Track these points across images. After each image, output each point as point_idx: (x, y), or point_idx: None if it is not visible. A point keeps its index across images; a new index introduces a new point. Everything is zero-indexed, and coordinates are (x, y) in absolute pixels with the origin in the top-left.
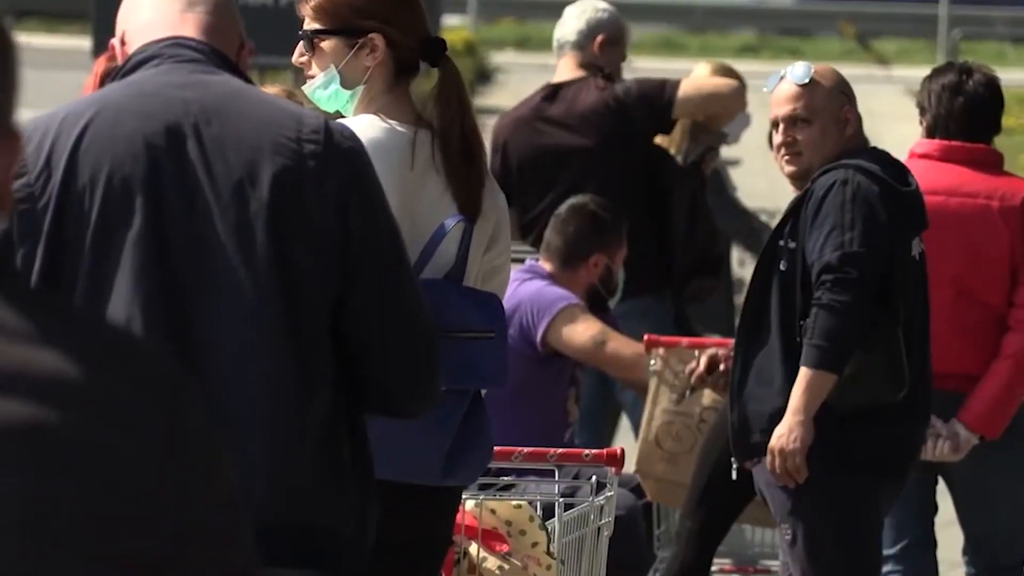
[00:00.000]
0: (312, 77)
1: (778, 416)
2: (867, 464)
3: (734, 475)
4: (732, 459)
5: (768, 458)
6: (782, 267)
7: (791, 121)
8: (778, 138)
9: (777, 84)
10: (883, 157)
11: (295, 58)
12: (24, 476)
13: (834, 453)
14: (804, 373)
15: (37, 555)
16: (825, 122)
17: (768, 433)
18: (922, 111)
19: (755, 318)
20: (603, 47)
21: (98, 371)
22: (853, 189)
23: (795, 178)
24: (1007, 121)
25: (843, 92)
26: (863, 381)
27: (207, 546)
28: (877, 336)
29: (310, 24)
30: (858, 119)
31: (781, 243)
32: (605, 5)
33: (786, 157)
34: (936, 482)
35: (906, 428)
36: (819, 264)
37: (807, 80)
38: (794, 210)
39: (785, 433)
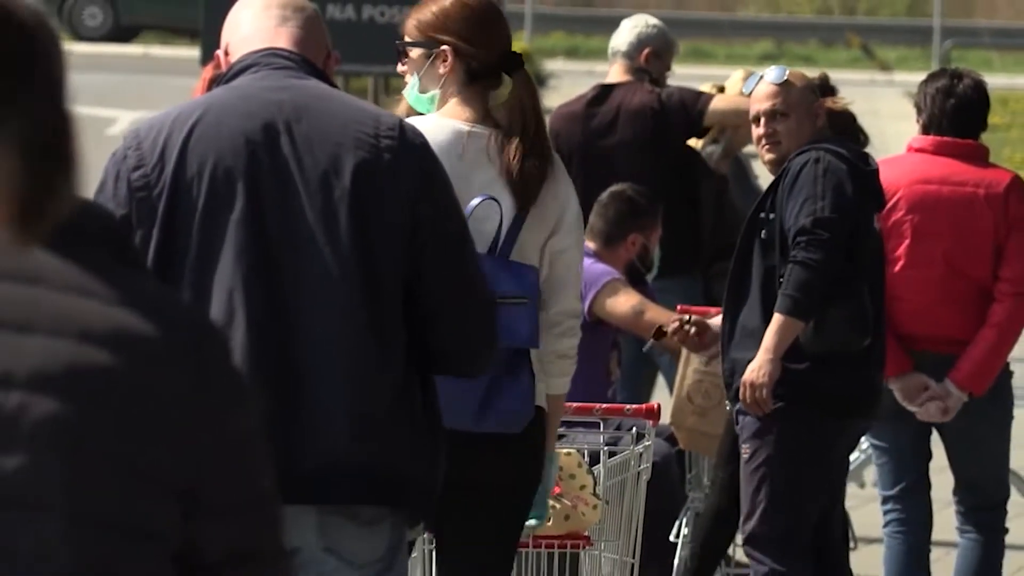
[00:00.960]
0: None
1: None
2: (830, 403)
3: None
4: None
5: (741, 390)
6: (763, 236)
7: (771, 115)
8: (759, 131)
9: (756, 85)
10: (847, 143)
11: (399, 67)
12: (68, 406)
13: (802, 391)
14: (777, 319)
15: (76, 472)
16: (800, 115)
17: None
18: (918, 111)
19: (739, 281)
20: (649, 58)
21: (146, 325)
22: (824, 165)
23: (774, 164)
24: (992, 119)
25: (812, 90)
26: (832, 329)
27: (228, 470)
28: (845, 290)
29: (404, 39)
30: (826, 113)
31: (762, 215)
32: (656, 21)
33: (767, 146)
34: (930, 433)
35: (866, 373)
36: (794, 228)
37: (783, 80)
38: (772, 187)
39: (756, 369)
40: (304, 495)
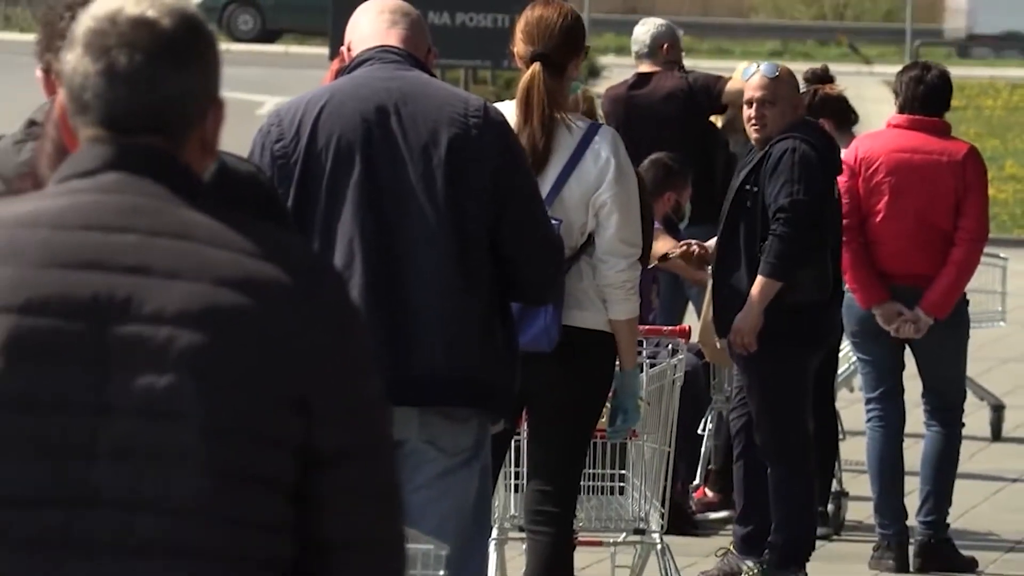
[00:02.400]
0: None
1: (741, 307)
2: (801, 340)
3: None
4: None
5: (731, 335)
6: (748, 205)
7: (760, 102)
8: (750, 112)
9: (752, 75)
10: (817, 129)
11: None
12: (205, 338)
13: (780, 332)
14: (760, 280)
15: (210, 390)
16: (784, 105)
17: (734, 317)
18: (896, 95)
19: (728, 239)
20: (668, 51)
21: (273, 271)
22: (800, 153)
23: (759, 142)
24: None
25: (796, 85)
26: (802, 287)
27: (341, 386)
28: (812, 256)
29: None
30: (804, 104)
31: (747, 188)
32: (661, 20)
33: (755, 127)
34: (904, 348)
35: (826, 317)
36: (775, 206)
37: (774, 75)
38: (756, 165)
39: (742, 318)
40: (409, 399)
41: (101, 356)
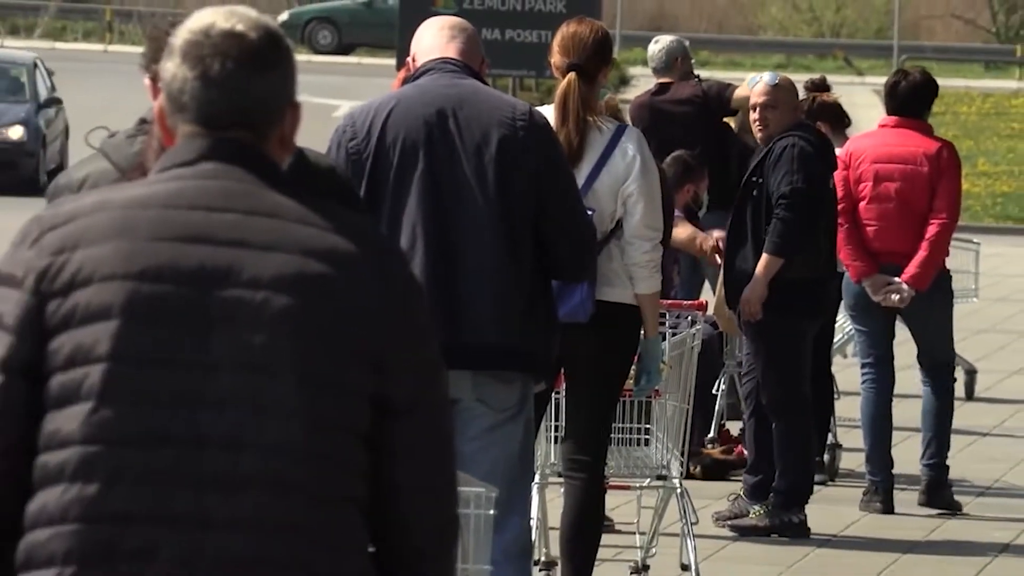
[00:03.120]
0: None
1: (748, 282)
2: (800, 310)
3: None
4: None
5: (740, 305)
6: (754, 194)
7: (764, 107)
8: (754, 116)
9: (757, 83)
10: (814, 131)
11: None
12: (295, 301)
13: (782, 304)
14: (764, 257)
15: (300, 347)
16: (784, 109)
17: (742, 291)
18: (885, 100)
19: (738, 223)
20: (681, 63)
21: (350, 247)
22: (799, 149)
23: (763, 140)
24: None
25: (795, 93)
26: (800, 264)
27: (407, 346)
28: (811, 238)
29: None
30: (803, 108)
31: (754, 179)
32: (672, 36)
33: (759, 128)
34: (894, 320)
35: (822, 291)
36: (777, 193)
37: (775, 83)
38: (761, 160)
39: (750, 290)
40: (463, 363)
41: (206, 317)
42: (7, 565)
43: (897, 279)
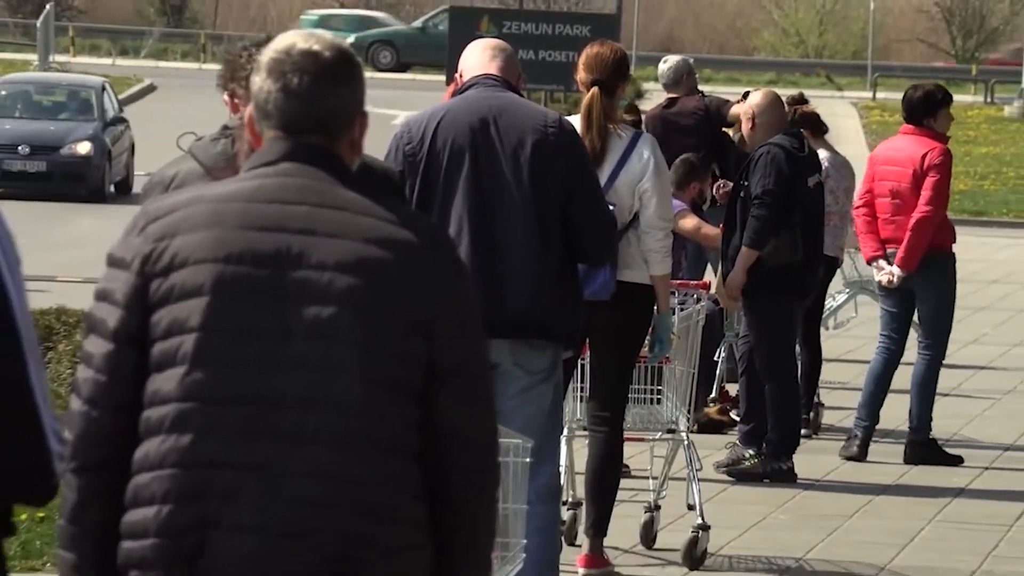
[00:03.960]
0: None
1: None
2: (786, 291)
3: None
4: None
5: (724, 289)
6: (741, 195)
7: (751, 119)
8: (746, 126)
9: (748, 98)
10: (797, 137)
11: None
12: (356, 281)
13: (767, 287)
14: (743, 250)
15: (362, 320)
16: (769, 120)
17: None
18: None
19: (730, 218)
20: (686, 80)
21: (406, 234)
22: (772, 156)
23: (751, 148)
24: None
25: (780, 106)
26: (778, 252)
27: (455, 318)
28: (786, 230)
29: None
30: (787, 119)
31: (742, 181)
32: (678, 57)
33: (749, 137)
34: (914, 298)
35: (804, 275)
36: (753, 193)
37: (762, 98)
38: (746, 166)
39: (732, 277)
40: (502, 333)
41: (281, 294)
42: (119, 503)
43: (886, 262)
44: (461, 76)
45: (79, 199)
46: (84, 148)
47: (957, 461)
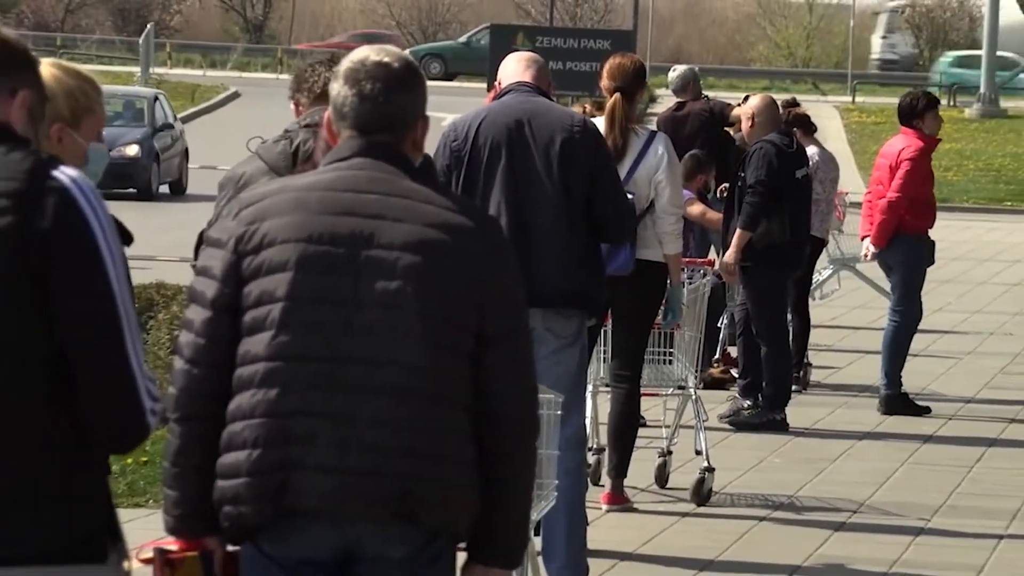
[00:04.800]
0: None
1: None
2: (777, 265)
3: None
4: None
5: (720, 266)
6: (739, 184)
7: (749, 119)
8: (744, 125)
9: (747, 101)
10: (789, 135)
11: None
12: (418, 259)
13: (760, 262)
14: (737, 231)
15: (423, 292)
16: (764, 120)
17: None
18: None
19: (730, 206)
20: (692, 86)
21: (459, 218)
22: (763, 152)
23: (749, 144)
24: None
25: (775, 109)
26: (769, 234)
27: (502, 290)
28: (774, 214)
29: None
30: (781, 120)
31: (740, 174)
32: (685, 66)
33: (747, 135)
34: (923, 275)
35: (792, 253)
36: (747, 184)
37: (759, 101)
38: (744, 160)
39: (727, 256)
40: (535, 303)
41: (354, 270)
42: (214, 448)
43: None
44: (500, 84)
45: (128, 197)
46: (132, 150)
47: (925, 412)
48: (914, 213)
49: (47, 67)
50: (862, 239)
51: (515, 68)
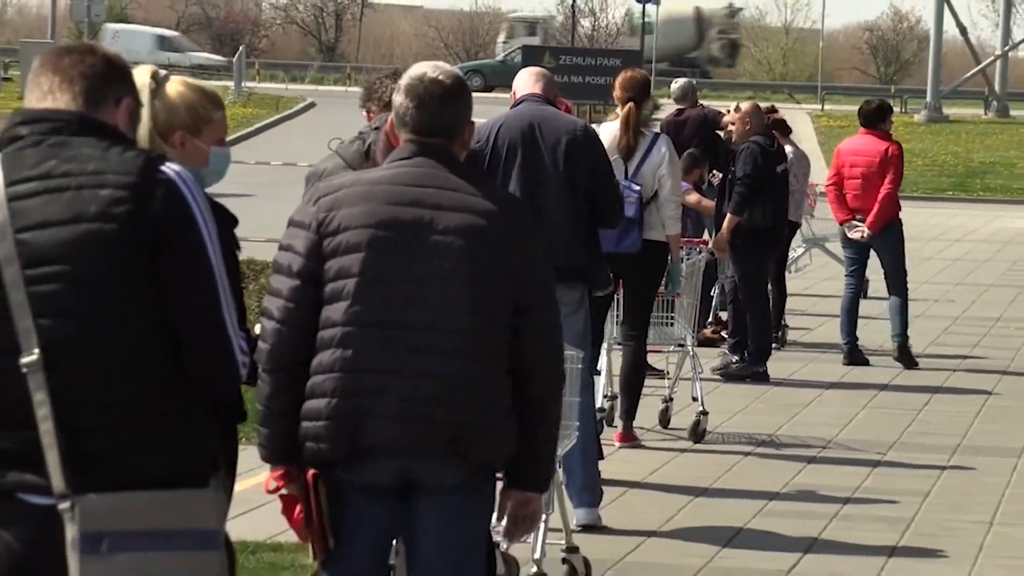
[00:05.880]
0: None
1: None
2: (761, 245)
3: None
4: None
5: (713, 245)
6: (729, 177)
7: (737, 123)
8: (740, 126)
9: (736, 109)
10: (770, 137)
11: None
12: (466, 242)
13: (747, 241)
14: (728, 216)
15: (470, 270)
16: (750, 124)
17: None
18: (859, 117)
19: (721, 196)
20: (690, 95)
21: (502, 208)
22: (749, 151)
23: (736, 145)
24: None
25: (759, 114)
26: (753, 218)
27: (531, 266)
28: (758, 203)
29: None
30: (763, 123)
31: (731, 169)
32: (685, 79)
33: (735, 137)
34: (868, 249)
35: (773, 235)
36: (736, 176)
37: (746, 107)
38: (733, 157)
39: (718, 238)
40: None
41: (415, 251)
42: (299, 395)
43: (861, 223)
44: (515, 95)
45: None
46: None
47: (915, 364)
48: (895, 203)
49: (174, 83)
50: (841, 223)
51: (527, 81)
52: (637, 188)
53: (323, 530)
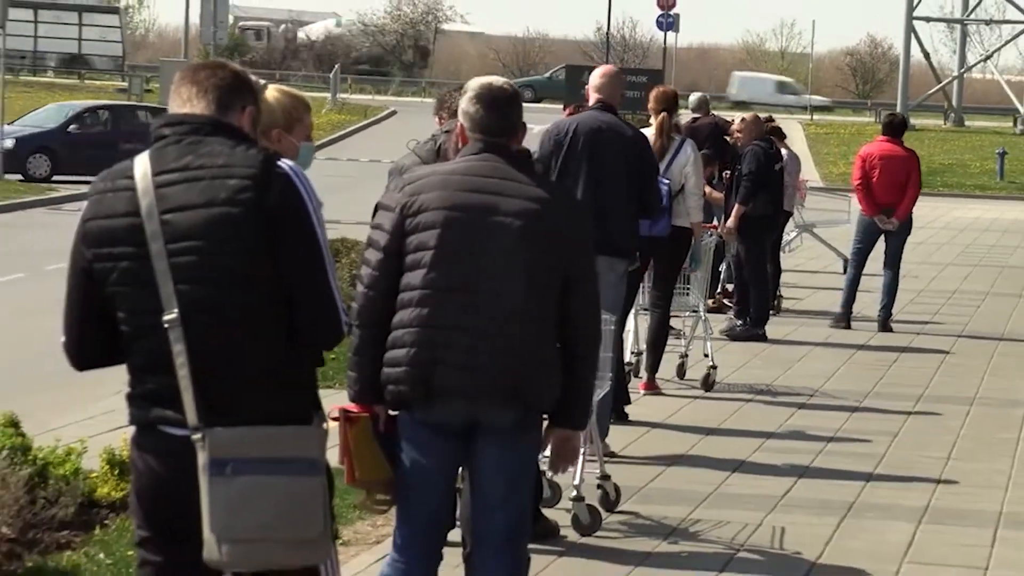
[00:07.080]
0: None
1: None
2: (761, 229)
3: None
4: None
5: (723, 230)
6: (736, 174)
7: (743, 131)
8: (738, 134)
9: (741, 119)
10: (768, 141)
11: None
12: (524, 224)
13: (750, 226)
14: (736, 207)
15: (526, 247)
16: (752, 131)
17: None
18: (883, 127)
19: (729, 191)
20: (705, 107)
21: (552, 195)
22: (753, 152)
23: (741, 148)
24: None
25: (760, 123)
26: (756, 208)
27: (579, 245)
28: (758, 196)
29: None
30: (763, 130)
31: (737, 167)
32: (700, 93)
33: (740, 141)
34: (879, 234)
35: (772, 220)
36: (742, 174)
37: (747, 117)
38: (739, 158)
39: (729, 224)
40: (602, 252)
41: (482, 230)
42: (383, 346)
43: (887, 216)
44: (588, 91)
45: None
46: None
47: (889, 329)
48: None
49: (272, 90)
50: (871, 215)
51: (599, 84)
52: (667, 183)
53: (351, 464)
